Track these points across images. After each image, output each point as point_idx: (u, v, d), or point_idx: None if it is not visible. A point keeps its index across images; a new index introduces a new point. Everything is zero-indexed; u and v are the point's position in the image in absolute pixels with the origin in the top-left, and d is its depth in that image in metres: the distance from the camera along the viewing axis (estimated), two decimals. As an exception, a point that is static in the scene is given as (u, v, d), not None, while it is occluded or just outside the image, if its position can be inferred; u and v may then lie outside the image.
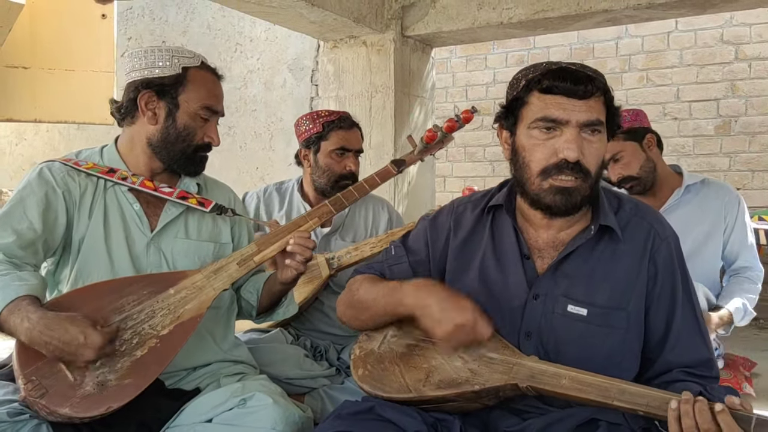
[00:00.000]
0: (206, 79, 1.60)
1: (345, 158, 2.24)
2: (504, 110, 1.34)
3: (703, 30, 4.56)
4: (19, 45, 4.31)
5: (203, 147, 1.62)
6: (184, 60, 1.58)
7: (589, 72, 1.25)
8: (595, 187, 1.29)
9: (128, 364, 1.35)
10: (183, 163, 1.61)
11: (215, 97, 1.61)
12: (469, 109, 1.76)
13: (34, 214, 1.45)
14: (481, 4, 3.35)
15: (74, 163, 1.56)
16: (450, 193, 5.37)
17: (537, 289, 1.32)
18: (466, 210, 1.47)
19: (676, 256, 1.33)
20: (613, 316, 1.29)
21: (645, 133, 2.45)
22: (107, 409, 1.28)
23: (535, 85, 1.26)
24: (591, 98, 1.23)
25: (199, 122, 1.59)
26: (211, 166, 1.68)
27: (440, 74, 5.31)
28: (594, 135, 1.25)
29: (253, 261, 1.57)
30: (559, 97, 1.23)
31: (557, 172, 1.24)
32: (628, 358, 1.30)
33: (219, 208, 1.64)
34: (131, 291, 1.43)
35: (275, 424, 1.34)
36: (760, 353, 3.20)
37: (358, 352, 1.42)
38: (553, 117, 1.23)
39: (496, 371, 1.26)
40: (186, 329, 1.43)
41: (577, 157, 1.22)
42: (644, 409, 1.14)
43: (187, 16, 5.68)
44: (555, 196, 1.26)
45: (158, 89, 1.56)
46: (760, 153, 4.44)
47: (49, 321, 1.29)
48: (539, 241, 1.36)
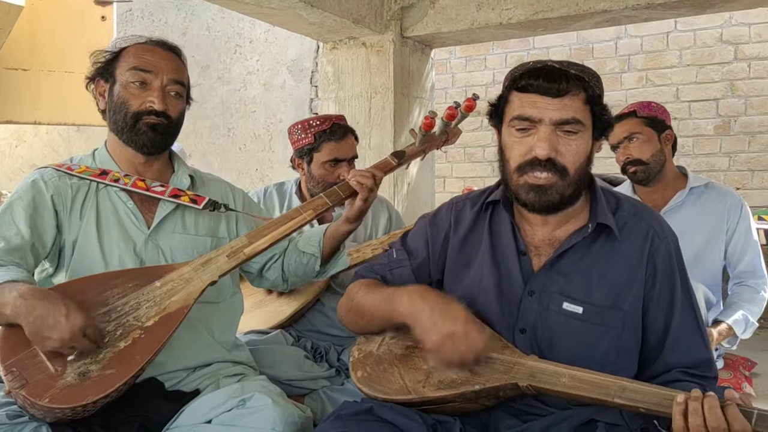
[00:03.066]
0: (139, 49, 1.58)
1: (338, 168, 2.22)
2: (492, 109, 1.35)
3: (702, 30, 4.56)
4: (18, 47, 4.31)
5: (144, 113, 1.56)
6: (127, 41, 1.60)
7: (573, 70, 1.24)
8: (578, 185, 1.28)
9: (111, 355, 1.33)
10: (130, 136, 1.58)
11: (144, 60, 1.56)
12: (471, 96, 1.71)
13: (21, 219, 1.46)
14: (480, 5, 3.36)
15: (67, 168, 1.57)
16: (450, 193, 5.37)
17: (532, 285, 1.33)
18: (465, 207, 1.47)
19: (675, 257, 1.33)
20: (608, 315, 1.29)
21: (666, 128, 2.46)
22: (89, 400, 1.26)
23: (514, 84, 1.28)
24: (566, 96, 1.23)
25: (132, 89, 1.55)
26: (211, 167, 1.68)
27: (440, 75, 5.31)
28: (571, 134, 1.24)
29: (243, 253, 1.55)
30: (534, 95, 1.24)
31: (531, 169, 1.25)
32: (625, 358, 1.30)
33: (212, 204, 1.63)
34: (116, 284, 1.42)
35: (275, 424, 1.33)
36: (761, 353, 3.20)
37: (357, 354, 1.42)
38: (526, 115, 1.25)
39: (496, 371, 1.25)
40: (172, 320, 1.41)
41: (547, 155, 1.23)
42: (645, 407, 1.13)
43: (187, 17, 5.68)
44: (529, 193, 1.27)
45: (102, 73, 1.60)
46: (760, 153, 4.44)
47: (39, 292, 1.30)
48: (536, 239, 1.36)
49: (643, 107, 2.47)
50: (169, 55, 1.60)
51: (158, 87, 1.56)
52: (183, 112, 1.65)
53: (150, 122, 1.56)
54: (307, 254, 1.75)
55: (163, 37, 1.64)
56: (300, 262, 1.76)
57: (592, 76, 1.26)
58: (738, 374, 2.45)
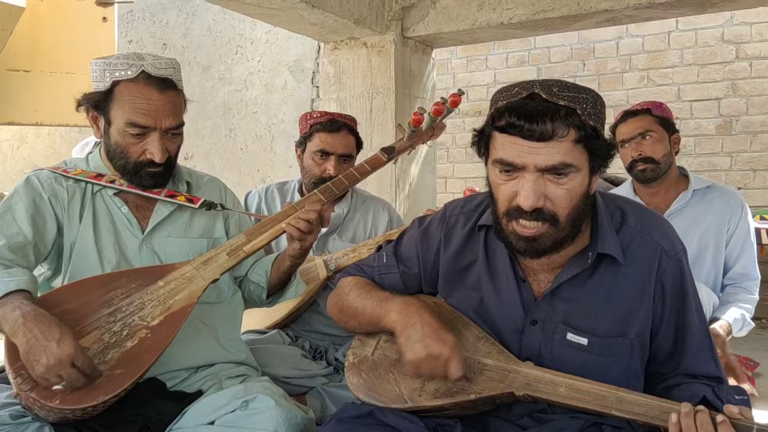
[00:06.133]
0: (133, 92, 1.48)
1: (326, 161, 2.19)
2: (476, 138, 1.23)
3: (703, 29, 4.56)
4: (20, 48, 4.31)
5: (145, 164, 1.53)
6: (117, 73, 1.48)
7: (563, 100, 1.09)
8: (574, 225, 1.17)
9: (118, 355, 1.34)
10: (131, 178, 1.56)
11: (141, 112, 1.47)
12: (456, 92, 1.72)
13: (23, 220, 1.46)
14: (481, 5, 3.36)
15: (63, 170, 1.57)
16: (451, 194, 5.37)
17: (534, 314, 1.27)
18: (457, 223, 1.39)
19: (687, 273, 1.26)
20: (615, 346, 1.23)
21: (675, 131, 2.47)
22: (99, 400, 1.27)
23: (496, 122, 1.15)
24: (553, 139, 1.09)
25: (129, 139, 1.50)
26: (212, 167, 1.69)
27: (441, 75, 5.31)
28: (561, 177, 1.12)
29: (243, 251, 1.57)
30: (516, 138, 1.11)
31: (518, 216, 1.15)
32: (632, 383, 1.25)
33: (208, 204, 1.64)
34: (120, 285, 1.43)
35: (278, 425, 1.34)
36: (763, 353, 3.20)
37: (352, 358, 1.40)
38: (508, 161, 1.13)
39: (492, 379, 1.24)
40: (177, 319, 1.42)
41: (533, 205, 1.11)
42: (642, 419, 1.11)
43: (188, 18, 5.69)
44: (519, 241, 1.17)
45: (94, 104, 1.53)
46: (761, 152, 4.43)
47: (41, 314, 1.29)
48: (534, 264, 1.27)
49: (656, 106, 2.46)
50: (166, 97, 1.50)
51: (157, 137, 1.51)
52: (181, 140, 1.61)
53: (152, 172, 1.54)
54: (253, 283, 1.75)
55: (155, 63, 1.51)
56: (248, 289, 1.76)
57: (586, 103, 1.11)
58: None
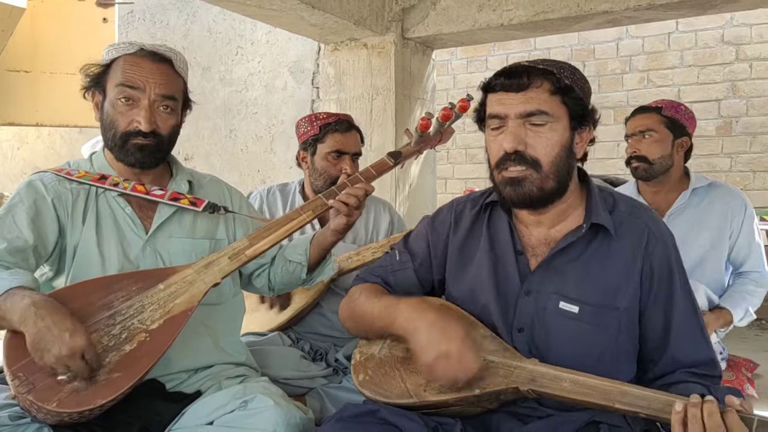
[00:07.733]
0: (128, 61, 1.51)
1: (341, 161, 2.22)
2: (476, 113, 1.39)
3: (703, 31, 4.56)
4: (20, 49, 4.32)
5: (132, 134, 1.52)
6: (121, 49, 1.53)
7: (541, 65, 1.26)
8: (558, 177, 1.28)
9: (117, 359, 1.33)
10: (120, 155, 1.56)
11: (131, 75, 1.50)
12: (465, 97, 1.71)
13: (23, 222, 1.45)
14: (481, 6, 3.36)
15: (66, 173, 1.56)
16: (451, 194, 5.37)
17: (529, 285, 1.33)
18: (465, 208, 1.48)
19: (673, 256, 1.33)
20: (604, 315, 1.28)
21: (684, 135, 2.41)
22: (97, 404, 1.26)
23: (486, 87, 1.33)
24: (529, 89, 1.25)
25: (119, 107, 1.51)
26: (213, 168, 1.68)
27: (441, 76, 5.31)
28: (538, 126, 1.26)
29: (245, 255, 1.55)
30: (499, 93, 1.29)
31: (504, 164, 1.28)
32: (623, 360, 1.30)
33: (211, 206, 1.63)
34: (120, 287, 1.43)
35: (276, 426, 1.33)
36: (762, 354, 3.20)
37: (359, 357, 1.42)
38: (494, 113, 1.29)
39: (497, 374, 1.25)
40: (177, 323, 1.42)
41: (513, 147, 1.25)
42: (646, 412, 1.13)
43: (188, 19, 5.69)
44: (506, 187, 1.29)
45: (95, 83, 1.55)
46: (762, 153, 4.43)
47: (52, 304, 1.29)
48: (532, 239, 1.37)
49: (670, 107, 2.43)
50: (158, 67, 1.53)
51: (146, 105, 1.51)
52: (176, 126, 1.60)
53: (138, 143, 1.53)
54: (293, 263, 1.75)
55: (157, 46, 1.56)
56: (286, 270, 1.76)
57: (563, 69, 1.27)
58: (740, 375, 2.45)
